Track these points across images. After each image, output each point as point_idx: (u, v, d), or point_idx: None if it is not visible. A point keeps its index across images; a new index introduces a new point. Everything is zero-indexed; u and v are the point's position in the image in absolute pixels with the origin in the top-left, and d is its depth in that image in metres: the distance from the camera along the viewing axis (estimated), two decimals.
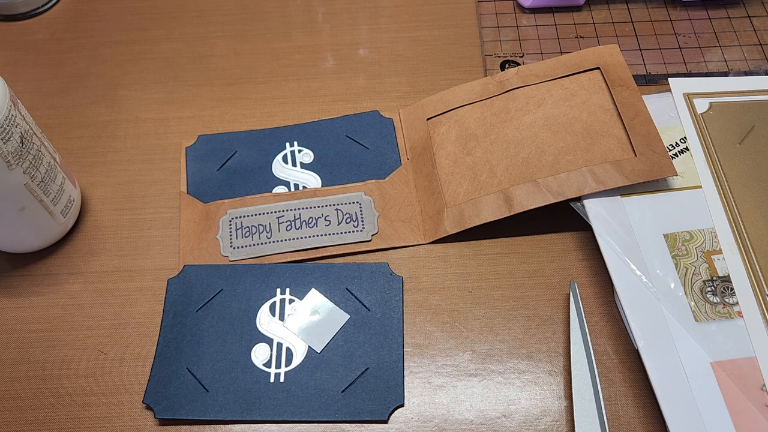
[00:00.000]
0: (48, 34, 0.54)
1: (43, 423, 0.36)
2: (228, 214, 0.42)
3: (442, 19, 0.53)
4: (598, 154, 0.41)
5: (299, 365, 0.37)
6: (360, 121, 0.47)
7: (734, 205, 0.40)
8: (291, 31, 0.53)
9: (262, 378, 0.37)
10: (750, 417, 0.33)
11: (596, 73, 0.44)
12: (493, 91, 0.45)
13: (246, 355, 0.37)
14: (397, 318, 0.38)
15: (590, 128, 0.42)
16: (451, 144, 0.44)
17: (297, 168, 0.45)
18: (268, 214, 0.42)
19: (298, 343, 0.38)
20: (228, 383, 0.36)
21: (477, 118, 0.44)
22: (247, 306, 0.39)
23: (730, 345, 0.35)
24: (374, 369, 0.37)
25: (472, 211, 0.41)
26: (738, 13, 0.52)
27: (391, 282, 0.40)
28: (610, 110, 0.42)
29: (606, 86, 0.43)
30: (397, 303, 0.39)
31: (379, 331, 0.38)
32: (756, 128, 0.43)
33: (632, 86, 0.43)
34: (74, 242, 0.43)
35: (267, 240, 0.41)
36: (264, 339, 0.38)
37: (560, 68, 0.45)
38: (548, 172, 0.41)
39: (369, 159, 0.45)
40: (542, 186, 0.40)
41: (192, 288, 0.40)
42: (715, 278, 0.37)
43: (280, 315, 0.39)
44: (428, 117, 0.46)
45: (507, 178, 0.41)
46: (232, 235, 0.42)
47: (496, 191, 0.41)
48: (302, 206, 0.42)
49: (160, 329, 0.39)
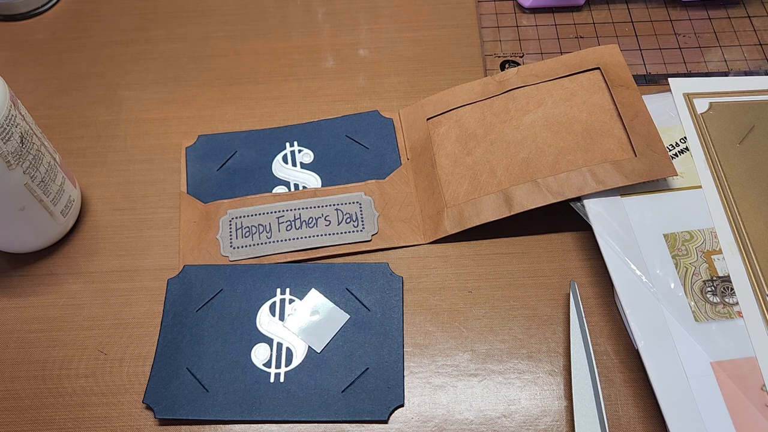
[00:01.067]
0: (48, 34, 0.54)
1: (43, 423, 0.36)
2: (228, 214, 0.42)
3: (442, 19, 0.53)
4: (598, 154, 0.41)
5: (299, 365, 0.37)
6: (360, 121, 0.47)
7: (734, 205, 0.40)
8: (291, 31, 0.53)
9: (262, 378, 0.37)
10: (750, 417, 0.33)
11: (596, 73, 0.44)
12: (493, 91, 0.45)
13: (246, 355, 0.37)
14: (397, 318, 0.38)
15: (590, 128, 0.42)
16: (451, 144, 0.44)
17: (297, 168, 0.45)
18: (268, 214, 0.42)
19: (298, 343, 0.38)
20: (228, 383, 0.36)
21: (477, 118, 0.44)
22: (247, 306, 0.39)
23: (730, 345, 0.35)
24: (374, 369, 0.37)
25: (472, 211, 0.41)
26: (738, 13, 0.52)
27: (391, 282, 0.40)
28: (610, 110, 0.42)
29: (606, 86, 0.43)
30: (397, 303, 0.39)
31: (379, 331, 0.38)
32: (756, 128, 0.43)
33: (632, 86, 0.43)
34: (74, 242, 0.43)
35: (267, 240, 0.41)
36: (264, 339, 0.38)
37: (560, 68, 0.45)
38: (548, 172, 0.41)
39: (369, 159, 0.45)
40: (542, 186, 0.40)
41: (192, 288, 0.40)
42: (715, 278, 0.37)
43: (280, 315, 0.39)
44: (428, 117, 0.46)
45: (507, 178, 0.41)
46: (232, 236, 0.42)
47: (496, 191, 0.41)
48: (302, 206, 0.42)
49: (160, 329, 0.39)
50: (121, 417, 0.36)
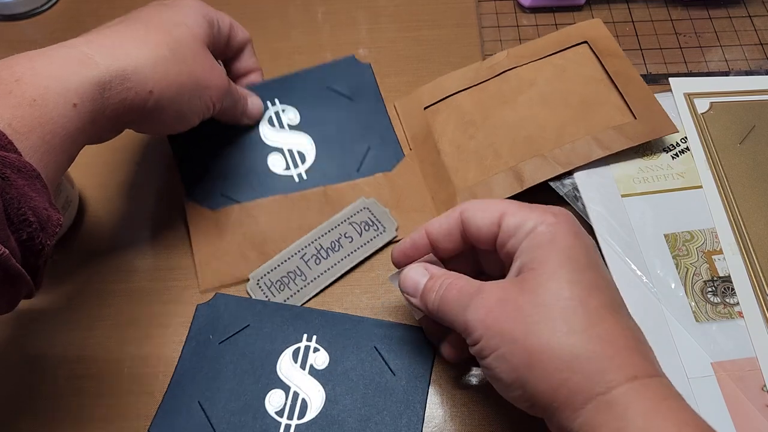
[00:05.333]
0: (48, 34, 0.54)
1: (43, 423, 0.36)
2: (252, 280, 0.40)
3: (442, 18, 0.53)
4: (598, 122, 0.42)
5: (312, 420, 0.35)
6: (337, 69, 0.48)
7: (735, 205, 0.39)
8: (291, 31, 0.53)
9: (272, 427, 0.35)
10: (750, 417, 0.33)
11: (584, 47, 0.46)
12: (485, 76, 0.46)
13: (260, 399, 0.36)
14: (422, 388, 0.36)
15: (586, 99, 0.43)
16: (451, 131, 0.44)
17: (286, 130, 0.45)
18: (290, 259, 0.40)
19: (314, 396, 0.36)
20: (237, 427, 0.35)
21: (473, 103, 0.45)
22: (271, 347, 0.37)
23: (731, 345, 0.35)
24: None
25: (485, 191, 0.41)
26: (739, 12, 0.51)
27: (422, 349, 0.37)
28: (603, 80, 0.44)
29: (596, 57, 0.45)
30: (425, 373, 0.36)
31: (400, 399, 0.36)
32: (757, 128, 0.43)
33: (621, 55, 0.44)
34: (73, 242, 0.43)
35: (304, 283, 0.40)
36: (281, 385, 0.36)
37: (548, 46, 0.46)
38: (553, 145, 0.41)
39: (355, 112, 0.46)
40: (550, 158, 0.41)
41: (219, 318, 0.38)
42: (715, 278, 0.37)
43: (302, 362, 0.37)
44: (425, 106, 0.46)
45: (513, 157, 0.42)
46: (269, 295, 0.40)
47: (505, 170, 0.41)
48: (318, 235, 0.41)
49: (180, 354, 0.38)
50: (122, 417, 0.36)
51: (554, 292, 0.27)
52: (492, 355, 0.28)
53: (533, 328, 0.27)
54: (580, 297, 0.27)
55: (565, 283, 0.27)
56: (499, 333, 0.27)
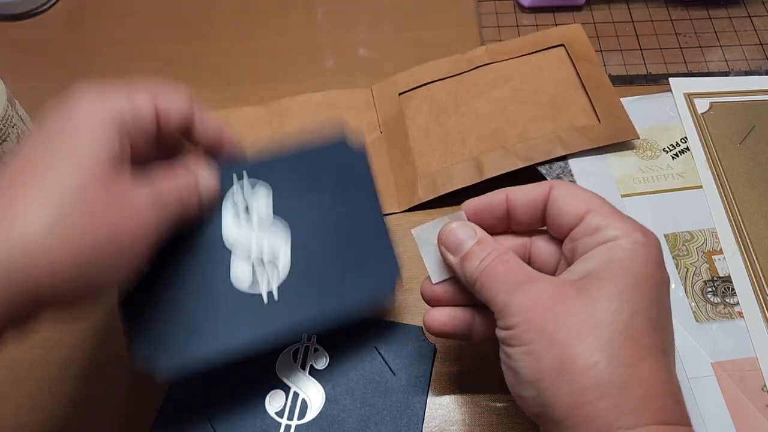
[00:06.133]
0: (48, 34, 0.54)
1: (43, 423, 0.36)
2: None
3: (442, 18, 0.53)
4: (564, 122, 0.43)
5: (312, 421, 0.35)
6: (324, 154, 0.36)
7: (735, 205, 0.39)
8: (291, 31, 0.53)
9: (272, 428, 0.35)
10: (750, 417, 0.33)
11: (560, 50, 0.46)
12: (462, 68, 0.47)
13: (260, 399, 0.36)
14: (422, 388, 0.36)
15: (556, 99, 0.44)
16: (423, 117, 0.45)
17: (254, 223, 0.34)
18: None
19: (314, 397, 0.36)
20: (237, 428, 0.35)
21: (448, 93, 0.46)
22: None
23: (731, 345, 0.35)
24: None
25: (445, 178, 0.42)
26: (739, 12, 0.51)
27: (422, 348, 0.37)
28: (574, 83, 0.45)
29: (570, 61, 0.45)
30: (425, 372, 0.36)
31: (400, 399, 0.35)
32: (757, 128, 0.43)
33: (594, 60, 0.45)
34: None
35: None
36: (281, 386, 0.36)
37: (527, 46, 0.47)
38: (517, 140, 0.42)
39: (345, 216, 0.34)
40: (511, 152, 0.42)
41: None
42: (715, 278, 0.37)
43: (302, 363, 0.37)
44: (400, 92, 0.47)
45: (478, 147, 0.43)
46: None
47: (467, 159, 0.42)
48: None
49: None
50: (123, 417, 0.36)
51: (612, 314, 0.25)
52: (521, 348, 0.26)
53: (576, 339, 0.25)
54: (637, 329, 0.25)
55: (627, 308, 0.26)
56: (538, 329, 0.26)
